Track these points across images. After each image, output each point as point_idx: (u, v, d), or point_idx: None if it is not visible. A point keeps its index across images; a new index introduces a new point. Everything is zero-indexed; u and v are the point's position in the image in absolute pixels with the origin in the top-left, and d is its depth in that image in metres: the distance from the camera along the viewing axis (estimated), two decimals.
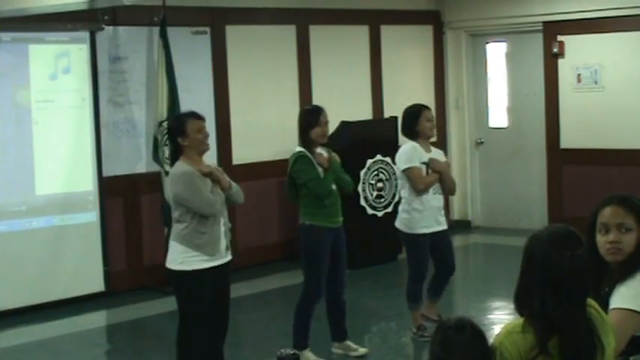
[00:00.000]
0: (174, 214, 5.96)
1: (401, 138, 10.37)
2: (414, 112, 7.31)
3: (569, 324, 3.01)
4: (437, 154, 7.39)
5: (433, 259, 7.40)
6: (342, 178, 6.86)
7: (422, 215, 7.17)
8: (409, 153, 7.20)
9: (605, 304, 3.51)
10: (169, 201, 6.10)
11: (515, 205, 11.96)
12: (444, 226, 7.34)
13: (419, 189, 7.16)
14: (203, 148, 5.97)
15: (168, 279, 6.16)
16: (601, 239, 3.59)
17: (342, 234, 6.91)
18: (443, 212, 7.42)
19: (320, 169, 6.72)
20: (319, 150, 6.81)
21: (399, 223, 7.31)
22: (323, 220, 6.73)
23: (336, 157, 6.88)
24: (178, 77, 9.09)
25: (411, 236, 7.24)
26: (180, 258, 5.88)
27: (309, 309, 6.80)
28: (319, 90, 10.79)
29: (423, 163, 7.20)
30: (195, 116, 5.99)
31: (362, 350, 7.06)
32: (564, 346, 3.00)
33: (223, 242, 5.98)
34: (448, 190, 7.44)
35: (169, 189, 6.03)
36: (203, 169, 5.90)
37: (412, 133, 7.28)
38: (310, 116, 6.80)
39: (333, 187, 6.78)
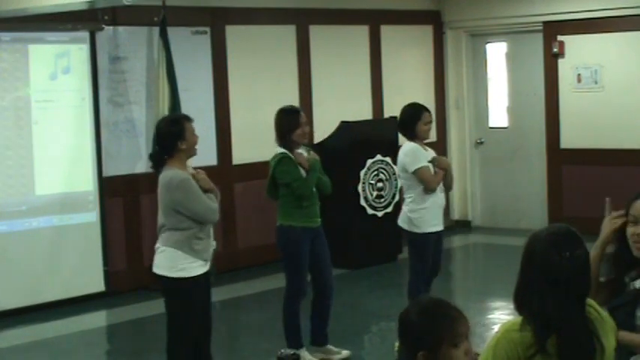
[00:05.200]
0: (168, 222, 5.77)
1: (401, 138, 10.45)
2: (413, 114, 7.22)
3: (567, 323, 3.02)
4: (430, 151, 7.37)
5: None
6: (321, 179, 6.84)
7: (431, 214, 7.10)
8: (415, 153, 7.12)
9: (630, 294, 3.53)
10: (162, 207, 5.85)
11: (515, 205, 11.96)
12: (442, 227, 7.31)
13: (432, 187, 7.07)
14: (195, 152, 5.93)
15: (163, 287, 5.91)
16: (630, 230, 3.60)
17: (322, 235, 6.88)
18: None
19: (302, 171, 6.72)
20: (299, 150, 6.81)
21: (403, 222, 7.18)
22: (300, 220, 6.73)
23: (316, 157, 6.86)
24: (178, 77, 9.09)
25: (419, 235, 7.10)
26: (180, 265, 5.75)
27: (294, 309, 6.79)
28: (319, 90, 10.79)
29: (429, 161, 7.19)
30: (189, 119, 5.93)
31: (345, 353, 7.00)
32: (562, 345, 3.01)
33: (213, 246, 5.96)
34: (449, 186, 7.41)
35: (165, 196, 5.79)
36: (203, 186, 5.81)
37: (410, 134, 7.25)
38: (290, 118, 6.79)
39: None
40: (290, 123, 6.75)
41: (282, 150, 6.76)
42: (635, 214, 3.60)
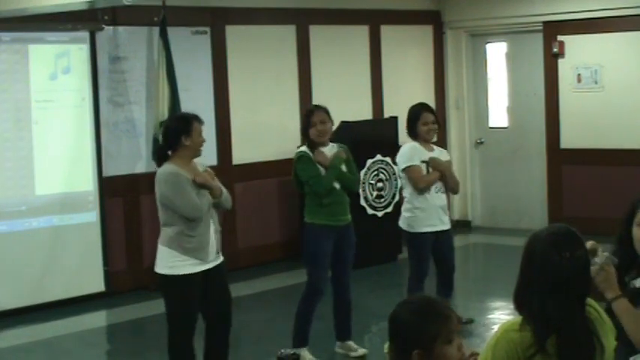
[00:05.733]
0: (162, 217, 5.90)
1: (401, 138, 10.47)
2: (414, 114, 7.31)
3: (567, 323, 3.01)
4: (439, 153, 7.37)
5: (434, 259, 7.39)
6: (344, 176, 6.84)
7: (425, 214, 7.15)
8: (409, 152, 7.21)
9: (631, 293, 3.52)
10: (157, 202, 5.98)
11: (515, 205, 11.96)
12: (447, 226, 7.32)
13: (419, 187, 7.14)
14: (200, 153, 5.98)
15: (158, 284, 6.08)
16: (637, 233, 3.56)
17: (349, 233, 6.89)
18: (447, 211, 7.41)
19: (321, 169, 6.74)
20: (322, 148, 6.82)
21: (401, 222, 7.30)
22: (323, 218, 6.74)
23: (341, 155, 6.85)
24: (178, 77, 9.09)
25: (413, 235, 7.21)
26: (170, 262, 5.83)
27: (309, 307, 6.82)
28: (319, 90, 10.78)
29: (423, 161, 7.20)
30: (199, 120, 5.98)
31: (361, 351, 7.07)
32: (562, 345, 3.01)
33: (214, 246, 5.94)
34: (451, 189, 7.44)
35: (156, 189, 5.91)
36: (197, 180, 5.83)
37: (412, 134, 7.30)
38: (305, 117, 6.89)
39: (337, 185, 6.78)
40: (305, 122, 6.87)
41: (303, 148, 6.83)
42: None
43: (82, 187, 8.95)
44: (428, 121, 7.24)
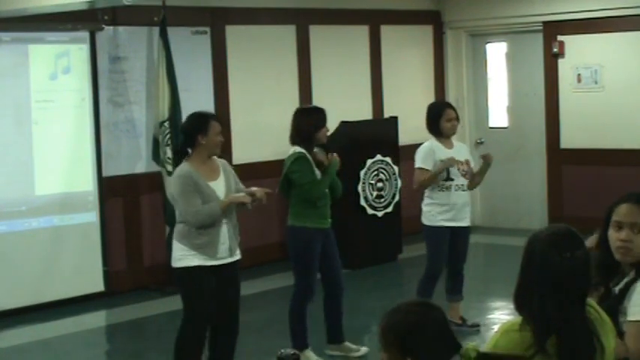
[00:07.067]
0: (176, 213, 6.06)
1: (401, 138, 10.48)
2: (436, 111, 7.47)
3: (567, 324, 3.01)
4: (460, 147, 7.55)
5: (448, 255, 7.51)
6: (336, 182, 6.83)
7: (441, 209, 7.34)
8: (424, 154, 7.36)
9: (612, 300, 3.49)
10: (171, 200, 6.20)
11: (515, 205, 11.96)
12: (465, 223, 7.49)
13: (414, 188, 7.44)
14: (217, 151, 6.05)
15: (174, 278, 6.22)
16: (613, 235, 3.51)
17: (332, 235, 6.88)
18: (467, 209, 7.51)
19: (317, 171, 6.69)
20: (316, 150, 6.79)
21: (422, 217, 7.46)
22: (313, 221, 6.69)
23: (337, 160, 6.82)
24: (178, 77, 9.09)
25: (428, 228, 7.41)
26: (179, 255, 5.96)
27: (301, 310, 6.79)
28: (319, 90, 10.78)
29: (442, 160, 7.30)
30: (217, 119, 6.13)
31: (363, 350, 7.05)
32: (562, 346, 3.00)
33: (226, 243, 5.99)
34: (471, 185, 7.59)
35: (170, 187, 6.12)
36: (234, 200, 6.02)
37: (434, 131, 7.42)
38: (318, 116, 6.74)
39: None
40: (317, 121, 6.71)
41: (299, 149, 6.68)
42: (618, 219, 3.50)
43: (82, 187, 8.95)
44: (451, 118, 7.42)
